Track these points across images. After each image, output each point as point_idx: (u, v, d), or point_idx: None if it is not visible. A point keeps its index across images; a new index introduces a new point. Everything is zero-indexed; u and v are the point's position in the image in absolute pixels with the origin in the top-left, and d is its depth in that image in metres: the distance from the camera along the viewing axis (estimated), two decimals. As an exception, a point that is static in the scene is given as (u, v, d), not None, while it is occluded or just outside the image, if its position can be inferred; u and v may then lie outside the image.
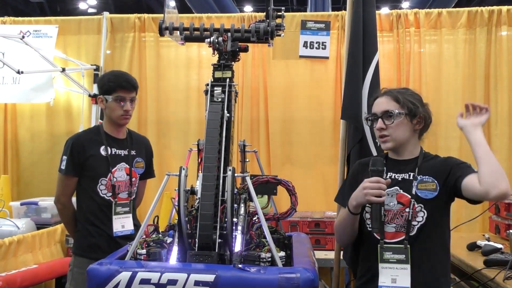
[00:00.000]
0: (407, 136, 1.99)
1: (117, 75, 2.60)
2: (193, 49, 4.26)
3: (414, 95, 2.03)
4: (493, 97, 3.95)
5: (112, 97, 2.50)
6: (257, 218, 2.05)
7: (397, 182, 1.98)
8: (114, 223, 2.52)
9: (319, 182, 4.06)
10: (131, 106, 2.54)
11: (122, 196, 2.57)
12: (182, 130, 4.23)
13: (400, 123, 1.97)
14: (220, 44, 2.06)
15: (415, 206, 1.92)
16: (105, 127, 2.60)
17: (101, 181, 2.52)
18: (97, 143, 2.54)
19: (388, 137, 1.99)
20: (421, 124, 2.01)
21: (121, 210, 2.55)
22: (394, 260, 1.90)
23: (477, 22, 4.00)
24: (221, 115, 1.96)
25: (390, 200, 1.95)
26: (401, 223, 1.92)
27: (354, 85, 2.82)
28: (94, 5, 12.46)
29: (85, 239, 2.54)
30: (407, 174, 1.98)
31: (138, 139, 2.76)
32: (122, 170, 2.57)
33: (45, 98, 4.18)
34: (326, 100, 4.10)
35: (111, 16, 4.35)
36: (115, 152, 2.57)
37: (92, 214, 2.53)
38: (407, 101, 1.98)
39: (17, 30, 4.26)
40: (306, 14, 4.31)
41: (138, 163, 2.66)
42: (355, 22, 2.87)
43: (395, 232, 1.92)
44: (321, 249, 3.30)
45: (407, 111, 1.97)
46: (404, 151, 2.03)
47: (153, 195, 4.37)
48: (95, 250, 2.48)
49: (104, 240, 2.52)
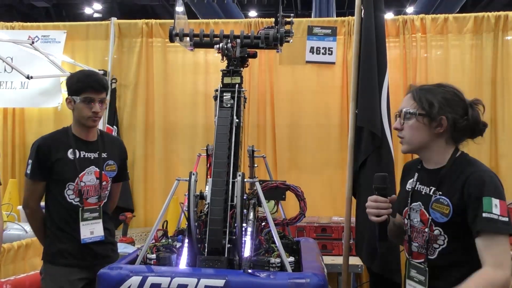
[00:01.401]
0: (424, 141, 1.75)
1: (87, 75, 2.51)
2: (200, 54, 4.28)
3: (440, 94, 1.75)
4: (500, 103, 3.94)
5: (80, 98, 2.38)
6: (266, 223, 2.06)
7: (421, 196, 1.77)
8: (82, 230, 2.41)
9: (325, 187, 4.06)
10: (100, 107, 2.43)
11: (91, 201, 2.46)
12: (189, 135, 4.24)
13: (414, 125, 1.75)
14: (229, 50, 2.08)
15: (433, 228, 1.70)
16: (74, 129, 2.48)
17: (68, 185, 2.41)
18: (64, 146, 2.43)
19: (403, 139, 1.80)
20: (442, 128, 1.72)
21: (89, 215, 2.44)
22: (417, 280, 1.76)
23: (483, 27, 4.00)
24: (230, 120, 1.98)
25: (414, 216, 1.78)
26: (422, 244, 1.74)
27: (370, 91, 2.82)
28: (99, 10, 12.54)
29: (54, 245, 2.44)
30: (429, 188, 1.75)
31: (110, 140, 2.64)
32: (91, 173, 2.46)
33: (53, 103, 4.21)
34: (333, 105, 4.11)
35: (119, 21, 4.38)
36: (84, 155, 2.46)
37: (60, 219, 2.44)
38: (423, 100, 1.74)
39: (26, 35, 4.30)
40: (313, 20, 4.33)
41: (109, 166, 2.53)
42: (366, 28, 2.87)
43: (417, 253, 1.77)
44: (328, 254, 3.30)
45: (422, 111, 1.73)
46: (429, 159, 1.79)
47: (160, 199, 4.43)
48: (65, 256, 2.41)
49: (75, 245, 2.42)
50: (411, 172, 1.87)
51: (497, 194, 1.60)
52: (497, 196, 1.59)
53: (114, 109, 4.22)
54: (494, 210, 1.56)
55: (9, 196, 4.03)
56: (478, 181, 1.63)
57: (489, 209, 1.56)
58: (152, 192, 4.25)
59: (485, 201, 1.58)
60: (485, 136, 3.92)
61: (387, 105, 2.89)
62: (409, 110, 1.76)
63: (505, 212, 1.57)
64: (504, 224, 1.55)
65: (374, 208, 1.79)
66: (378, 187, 1.82)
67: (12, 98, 4.28)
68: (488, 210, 1.56)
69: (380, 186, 1.82)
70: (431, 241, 1.71)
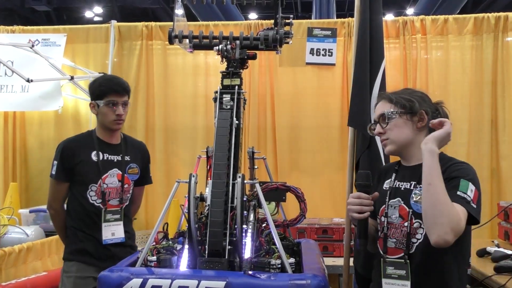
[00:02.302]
0: (409, 136, 1.83)
1: (109, 79, 2.56)
2: (200, 57, 4.29)
3: (413, 93, 1.90)
4: (501, 103, 3.94)
5: (103, 102, 2.45)
6: (266, 225, 2.05)
7: (400, 192, 1.83)
8: (104, 231, 2.47)
9: (326, 188, 4.06)
10: (123, 110, 2.48)
11: (113, 203, 2.51)
12: (189, 137, 4.24)
13: (397, 123, 1.84)
14: (228, 51, 2.07)
15: (413, 221, 1.75)
16: (98, 132, 2.55)
17: (91, 187, 2.47)
18: (88, 148, 2.49)
19: (387, 140, 1.87)
20: (423, 122, 1.82)
21: (111, 217, 2.49)
22: (396, 275, 1.77)
23: (483, 28, 4.00)
24: (230, 122, 1.97)
25: (392, 212, 1.82)
26: (400, 239, 1.78)
27: (361, 92, 2.83)
28: (100, 14, 12.56)
29: (74, 244, 2.51)
30: (409, 183, 1.82)
31: (133, 144, 2.69)
32: (114, 176, 2.51)
33: (53, 106, 4.22)
34: (333, 106, 4.11)
35: (119, 24, 4.39)
36: (107, 157, 2.52)
37: (80, 220, 2.49)
38: (400, 99, 1.85)
39: (26, 38, 4.32)
40: (313, 21, 4.33)
41: (132, 169, 2.59)
42: (362, 29, 2.88)
43: (395, 248, 1.80)
44: (329, 255, 3.29)
45: (402, 108, 1.83)
46: (411, 156, 1.85)
47: (161, 202, 4.43)
48: (83, 254, 2.47)
49: (92, 244, 2.48)
50: (388, 174, 1.93)
51: (473, 182, 1.66)
52: (474, 184, 1.66)
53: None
54: (469, 193, 1.63)
55: (10, 200, 4.03)
56: (458, 167, 1.71)
57: (464, 190, 1.63)
58: (152, 195, 4.25)
59: (462, 183, 1.64)
60: (486, 137, 3.92)
61: None
62: (391, 110, 1.85)
63: (477, 200, 1.63)
64: (474, 209, 1.61)
65: (357, 205, 1.78)
66: (361, 184, 1.83)
67: (12, 102, 4.29)
68: (463, 190, 1.63)
69: (363, 183, 1.82)
70: (411, 235, 1.74)
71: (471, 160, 3.85)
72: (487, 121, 3.93)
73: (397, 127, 1.84)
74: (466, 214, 1.59)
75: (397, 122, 1.84)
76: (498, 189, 3.88)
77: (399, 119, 1.84)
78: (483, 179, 3.85)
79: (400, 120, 1.84)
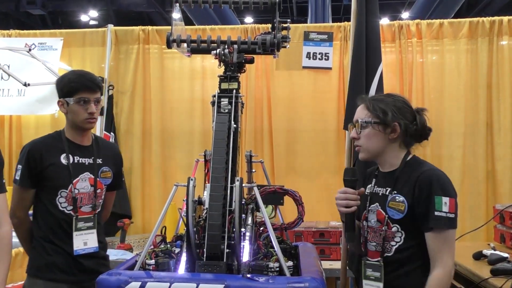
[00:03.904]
0: (380, 147, 1.89)
1: (80, 74, 2.33)
2: (197, 60, 4.29)
3: (391, 102, 1.90)
4: (496, 107, 3.97)
5: (74, 99, 2.25)
6: (264, 228, 2.06)
7: (378, 197, 1.91)
8: (75, 240, 2.24)
9: (323, 191, 4.07)
10: (96, 107, 2.29)
11: (85, 209, 2.30)
12: (186, 141, 4.25)
13: (370, 133, 1.88)
14: (226, 56, 2.08)
15: (391, 226, 1.84)
16: (67, 133, 2.34)
17: (61, 193, 2.25)
18: (57, 150, 2.28)
19: (360, 147, 1.93)
20: (396, 133, 1.87)
21: (83, 225, 2.27)
22: (373, 277, 1.86)
23: (478, 32, 4.03)
24: (228, 126, 1.98)
25: (371, 217, 1.91)
26: (379, 242, 1.86)
27: (356, 95, 2.84)
28: (95, 17, 12.56)
29: (41, 258, 2.26)
30: (385, 189, 1.89)
31: (105, 146, 2.50)
32: (86, 180, 2.31)
33: (50, 110, 4.21)
34: (330, 110, 4.12)
35: (116, 28, 4.39)
36: (78, 160, 2.30)
37: (49, 229, 2.27)
38: (377, 109, 1.87)
39: (23, 42, 4.31)
40: (309, 25, 4.36)
41: (104, 172, 2.38)
42: (358, 33, 2.90)
43: (375, 251, 1.88)
44: (326, 259, 3.29)
45: (376, 118, 1.87)
46: (384, 163, 1.93)
47: (157, 205, 4.42)
48: (52, 269, 2.25)
49: (63, 258, 2.26)
50: (370, 179, 2.00)
51: (445, 191, 1.77)
52: (445, 194, 1.77)
53: (111, 116, 4.22)
54: (444, 208, 1.75)
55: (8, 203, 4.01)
56: (427, 180, 1.79)
57: (439, 208, 1.75)
58: (149, 198, 4.25)
59: (436, 200, 1.75)
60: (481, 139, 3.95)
61: None
62: (365, 120, 1.89)
63: (453, 208, 1.77)
64: (450, 220, 1.75)
65: (344, 199, 1.87)
66: (347, 180, 1.92)
67: (9, 106, 4.29)
68: (439, 208, 1.75)
69: (350, 178, 1.92)
70: (388, 238, 1.83)
71: (466, 162, 3.88)
72: (482, 124, 3.95)
73: (369, 136, 1.89)
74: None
75: (370, 132, 1.89)
76: (493, 191, 3.90)
77: (372, 129, 1.88)
78: (479, 181, 3.87)
79: (373, 131, 1.88)
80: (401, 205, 1.81)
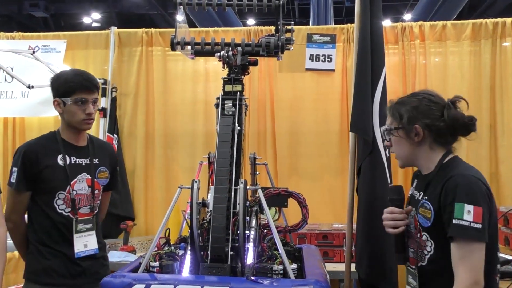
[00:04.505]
0: (409, 152, 1.79)
1: (77, 74, 2.27)
2: (200, 63, 4.29)
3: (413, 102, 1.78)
4: (499, 109, 3.96)
5: (71, 100, 2.19)
6: (268, 230, 2.06)
7: (414, 201, 1.80)
8: (76, 243, 2.21)
9: (326, 194, 4.06)
10: (94, 108, 2.24)
11: (84, 211, 2.25)
12: (189, 143, 4.24)
13: (395, 140, 1.81)
14: (230, 58, 2.09)
15: (421, 233, 1.72)
16: (63, 133, 2.28)
17: (59, 195, 2.20)
18: (53, 151, 2.22)
19: (396, 154, 1.85)
20: (419, 136, 1.74)
21: (83, 227, 2.23)
22: (412, 285, 1.77)
23: (481, 34, 4.02)
24: (232, 128, 1.98)
25: (411, 221, 1.80)
26: (416, 250, 1.76)
27: (363, 98, 2.84)
28: (98, 20, 12.59)
29: (38, 262, 2.22)
30: (419, 193, 1.78)
31: (101, 145, 2.45)
32: (83, 181, 2.26)
33: (53, 112, 4.20)
34: (333, 112, 4.12)
35: (119, 30, 4.39)
36: (75, 161, 2.26)
37: (46, 233, 2.22)
38: (396, 114, 1.79)
39: (26, 45, 4.32)
40: (312, 28, 4.35)
41: (101, 173, 2.34)
42: (362, 35, 2.90)
43: (413, 258, 1.79)
44: (329, 261, 3.29)
45: (396, 125, 1.79)
46: (422, 167, 1.81)
47: (160, 207, 4.41)
48: (50, 273, 2.20)
49: (60, 262, 2.21)
50: (413, 179, 1.91)
51: (470, 199, 1.59)
52: (470, 202, 1.58)
53: (114, 118, 4.22)
54: (466, 217, 1.56)
55: (9, 206, 4.02)
56: (452, 186, 1.63)
57: (460, 216, 1.57)
58: (152, 200, 4.25)
59: (457, 207, 1.58)
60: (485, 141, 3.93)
61: (379, 110, 2.90)
62: (385, 128, 1.82)
63: (479, 218, 1.57)
64: (476, 231, 1.56)
65: (390, 220, 1.77)
66: (392, 199, 1.82)
67: (12, 108, 4.29)
68: (459, 216, 1.57)
69: (395, 197, 1.82)
70: (421, 247, 1.72)
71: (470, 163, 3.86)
72: (486, 126, 3.94)
73: (396, 143, 1.82)
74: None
75: (395, 139, 1.81)
76: (497, 193, 3.88)
77: (395, 136, 1.81)
78: (482, 184, 3.85)
79: (397, 137, 1.80)
80: (428, 213, 1.68)
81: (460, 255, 1.57)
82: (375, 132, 2.82)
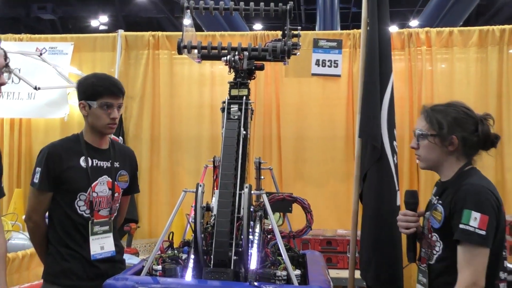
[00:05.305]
0: (438, 159, 1.89)
1: (104, 78, 2.30)
2: (206, 66, 4.31)
3: (453, 113, 1.86)
4: (506, 116, 3.94)
5: (97, 103, 2.20)
6: (272, 236, 2.05)
7: (430, 205, 1.94)
8: (92, 244, 2.21)
9: (330, 199, 4.05)
10: (118, 113, 2.26)
11: (102, 213, 2.27)
12: (194, 147, 4.25)
13: (427, 145, 1.88)
14: (236, 62, 2.09)
15: (432, 234, 1.87)
16: (86, 136, 2.30)
17: (80, 196, 2.21)
18: (76, 153, 2.24)
19: (420, 156, 1.94)
20: (453, 146, 1.84)
21: (99, 229, 2.24)
22: (422, 282, 1.91)
23: (488, 40, 4.01)
24: (238, 132, 1.98)
25: (425, 224, 1.96)
26: (426, 250, 1.91)
27: (371, 104, 2.83)
28: (105, 23, 12.64)
29: (57, 264, 2.22)
30: (436, 198, 1.92)
31: (122, 150, 2.48)
32: (104, 184, 2.27)
33: (59, 114, 4.24)
34: (338, 117, 4.11)
35: (126, 34, 4.42)
36: (97, 163, 2.27)
37: (66, 234, 2.22)
38: (434, 121, 1.86)
39: (34, 47, 4.35)
40: (318, 33, 4.36)
41: (122, 176, 2.36)
42: (370, 41, 2.89)
43: (423, 257, 1.93)
44: (333, 267, 3.28)
45: (433, 132, 1.86)
46: (441, 173, 1.93)
47: (165, 211, 4.41)
48: (69, 276, 2.20)
49: (79, 264, 2.21)
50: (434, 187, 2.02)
51: (478, 206, 1.72)
52: (478, 209, 1.71)
53: (120, 120, 4.23)
54: (472, 223, 1.70)
55: (14, 206, 4.04)
56: (463, 194, 1.76)
57: (466, 221, 1.71)
58: (156, 203, 4.25)
59: (464, 213, 1.72)
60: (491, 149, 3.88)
61: (388, 116, 2.89)
62: (422, 132, 1.89)
63: (484, 225, 1.70)
64: (480, 237, 1.69)
65: (404, 222, 1.93)
66: (408, 202, 1.98)
67: (19, 109, 4.32)
68: (465, 222, 1.71)
69: (410, 201, 1.97)
70: (431, 246, 1.87)
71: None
72: (492, 134, 3.92)
73: (426, 148, 1.89)
74: None
75: (427, 144, 1.88)
76: (503, 202, 3.86)
77: (429, 141, 1.87)
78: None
79: (430, 143, 1.87)
80: (439, 215, 1.82)
81: (464, 257, 1.72)
82: (383, 139, 2.81)
